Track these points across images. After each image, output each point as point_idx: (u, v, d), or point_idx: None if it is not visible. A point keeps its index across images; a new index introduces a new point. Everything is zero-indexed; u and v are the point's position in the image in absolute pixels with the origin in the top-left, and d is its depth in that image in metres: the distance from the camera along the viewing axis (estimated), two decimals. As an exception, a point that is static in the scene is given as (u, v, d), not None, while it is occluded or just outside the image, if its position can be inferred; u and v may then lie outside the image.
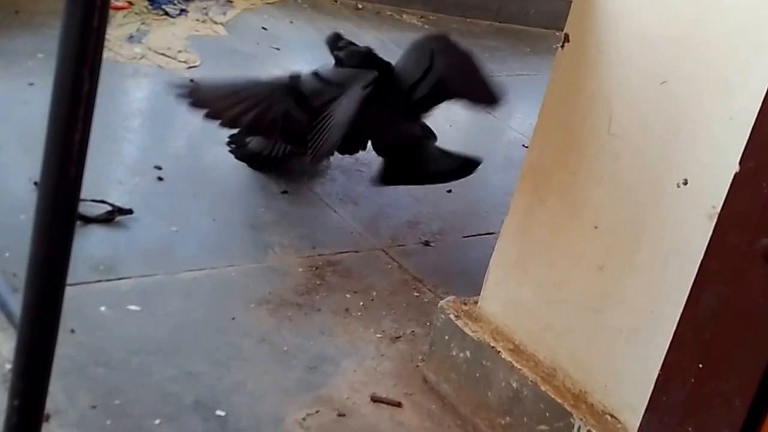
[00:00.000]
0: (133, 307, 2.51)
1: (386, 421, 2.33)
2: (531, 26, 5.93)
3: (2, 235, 2.54)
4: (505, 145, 4.25)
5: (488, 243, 2.56)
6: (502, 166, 3.89)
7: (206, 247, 2.89)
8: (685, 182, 1.89)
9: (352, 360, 2.51)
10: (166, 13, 4.62)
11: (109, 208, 2.86)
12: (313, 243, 3.05)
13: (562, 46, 2.14)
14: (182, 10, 4.72)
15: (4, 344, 2.10)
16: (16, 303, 1.14)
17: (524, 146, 3.93)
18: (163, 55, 4.19)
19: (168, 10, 4.65)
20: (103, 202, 2.86)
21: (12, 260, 2.46)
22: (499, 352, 2.28)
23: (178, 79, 3.64)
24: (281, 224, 3.14)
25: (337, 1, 5.52)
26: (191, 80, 3.69)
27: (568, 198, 2.17)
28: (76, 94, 1.01)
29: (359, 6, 5.58)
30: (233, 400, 2.26)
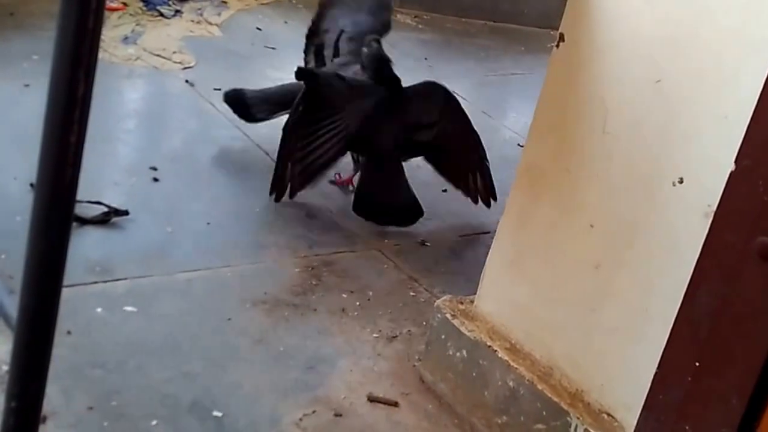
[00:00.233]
0: (129, 308, 2.51)
1: (383, 420, 2.33)
2: (525, 25, 5.94)
3: (-2, 237, 2.55)
4: (501, 145, 4.25)
5: (484, 242, 2.57)
6: (497, 166, 3.88)
7: (202, 247, 2.89)
8: (681, 181, 1.89)
9: (348, 360, 2.51)
10: (161, 14, 4.62)
11: (105, 210, 2.86)
12: (309, 243, 3.05)
13: (557, 46, 2.14)
14: (177, 11, 4.72)
15: (1, 346, 2.09)
16: (12, 305, 1.14)
17: (519, 145, 3.94)
18: (158, 56, 4.19)
19: (163, 11, 4.65)
20: (99, 203, 2.86)
21: (8, 262, 2.47)
22: (495, 351, 2.28)
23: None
24: (277, 224, 3.14)
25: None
26: (186, 80, 3.71)
27: (564, 197, 2.17)
28: (71, 96, 1.01)
29: (354, 6, 5.58)
30: (230, 401, 2.26)
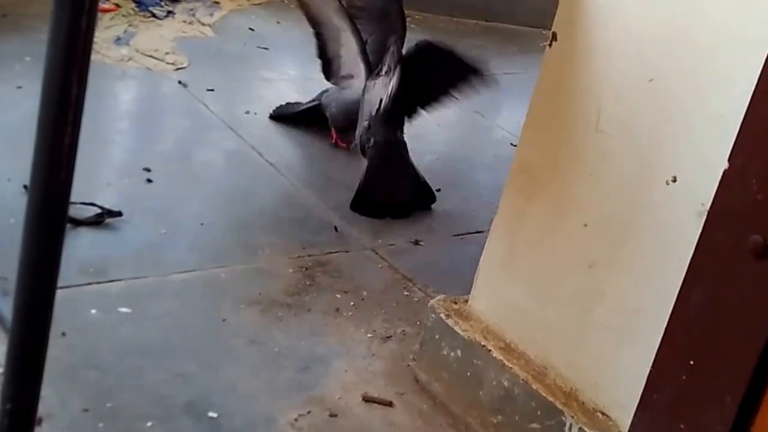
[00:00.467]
0: (123, 310, 2.50)
1: (378, 420, 2.33)
2: (518, 25, 5.93)
3: (-8, 239, 2.54)
4: (494, 144, 4.25)
5: (478, 241, 2.57)
6: (491, 165, 3.90)
7: (196, 248, 2.89)
8: (674, 179, 1.89)
9: (343, 360, 2.51)
10: (153, 15, 4.62)
11: (99, 211, 2.86)
12: (303, 243, 3.05)
13: (550, 45, 2.14)
14: (169, 12, 4.72)
15: (-5, 348, 2.09)
16: (7, 307, 1.14)
17: (512, 145, 3.94)
18: (151, 56, 4.19)
19: (155, 11, 4.65)
20: (93, 204, 2.86)
21: (2, 264, 2.43)
22: (489, 350, 2.28)
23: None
24: (270, 225, 3.14)
25: (324, 1, 5.51)
26: (179, 81, 3.72)
27: (558, 196, 2.18)
28: (64, 97, 1.01)
29: (346, 6, 5.57)
30: (225, 402, 2.25)
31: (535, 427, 2.17)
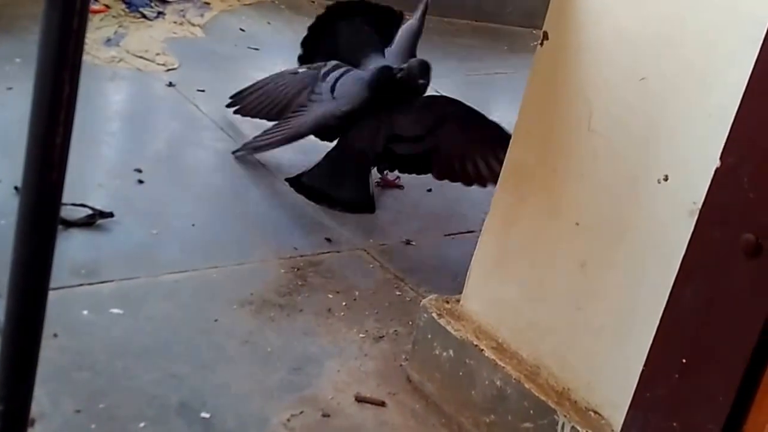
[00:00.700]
0: (115, 311, 2.50)
1: (370, 420, 2.33)
2: (508, 24, 5.93)
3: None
4: (485, 144, 4.24)
5: (469, 242, 2.57)
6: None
7: (188, 249, 2.89)
8: (666, 178, 1.89)
9: (335, 360, 2.51)
10: (144, 16, 4.60)
11: (90, 212, 2.85)
12: (294, 244, 3.05)
13: (542, 44, 2.15)
14: (159, 13, 4.70)
15: (-14, 350, 2.09)
16: (-1, 309, 1.14)
17: (504, 145, 3.93)
18: (141, 57, 4.18)
19: (145, 12, 4.63)
20: (84, 205, 2.85)
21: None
22: (482, 350, 2.28)
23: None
24: (262, 225, 3.13)
25: (314, 2, 5.51)
26: (169, 82, 3.71)
27: (549, 195, 2.18)
28: (56, 97, 1.01)
29: (337, 7, 5.57)
30: (218, 402, 2.25)
31: (528, 427, 2.17)
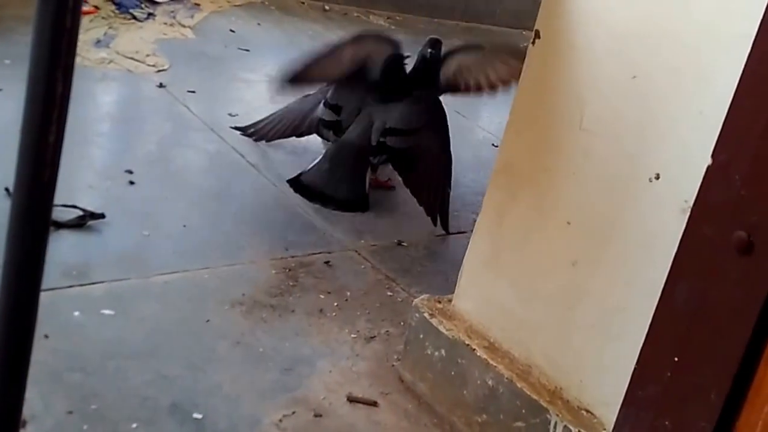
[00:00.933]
0: (107, 312, 2.49)
1: (363, 420, 2.33)
2: (497, 26, 5.95)
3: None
4: (475, 145, 4.26)
5: (460, 242, 2.58)
6: (472, 166, 3.90)
7: (179, 250, 2.89)
8: (657, 177, 1.90)
9: (327, 360, 2.51)
10: (134, 17, 4.61)
11: (81, 213, 2.84)
12: (286, 244, 3.05)
13: (533, 43, 2.15)
14: (149, 14, 4.71)
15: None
16: (-10, 309, 1.13)
17: (494, 145, 3.96)
18: (132, 58, 4.18)
19: (135, 13, 4.64)
20: (75, 207, 2.85)
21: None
22: (474, 350, 2.28)
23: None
24: (253, 226, 3.13)
25: (304, 3, 5.52)
26: (160, 83, 3.70)
27: (541, 194, 2.18)
28: (50, 95, 1.01)
29: (326, 8, 5.59)
30: (210, 403, 2.25)
31: (520, 426, 2.17)
